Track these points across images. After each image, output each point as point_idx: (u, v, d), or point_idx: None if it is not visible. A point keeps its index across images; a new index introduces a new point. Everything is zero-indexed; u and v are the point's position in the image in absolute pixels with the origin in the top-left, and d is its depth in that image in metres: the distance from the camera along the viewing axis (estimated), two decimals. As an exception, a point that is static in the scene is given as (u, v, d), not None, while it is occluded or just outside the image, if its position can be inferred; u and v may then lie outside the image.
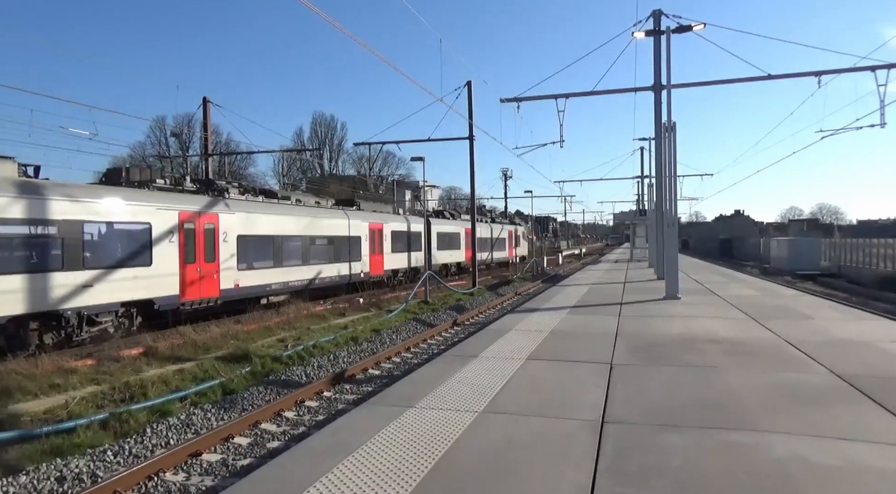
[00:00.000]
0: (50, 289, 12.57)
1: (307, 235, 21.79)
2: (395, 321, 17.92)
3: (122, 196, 14.69)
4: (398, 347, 13.55)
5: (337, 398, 9.65)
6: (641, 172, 41.09)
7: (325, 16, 10.60)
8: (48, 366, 10.25)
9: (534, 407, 5.36)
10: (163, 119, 66.15)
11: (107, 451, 7.00)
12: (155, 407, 8.76)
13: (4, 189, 12.04)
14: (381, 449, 4.34)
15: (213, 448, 7.20)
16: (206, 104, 29.79)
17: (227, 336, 13.98)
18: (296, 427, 8.13)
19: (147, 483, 6.17)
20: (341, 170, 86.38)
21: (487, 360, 7.45)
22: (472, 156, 28.67)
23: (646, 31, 17.22)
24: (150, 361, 11.45)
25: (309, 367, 11.74)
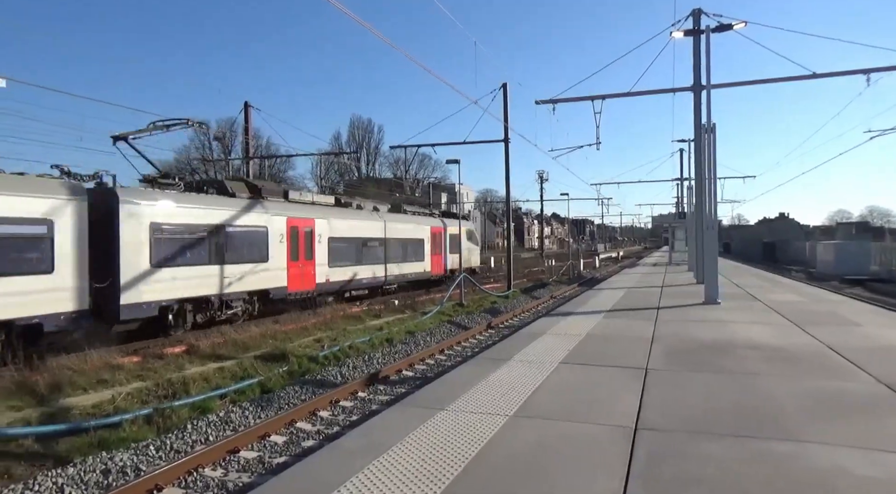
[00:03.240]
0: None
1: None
2: (430, 323, 17.99)
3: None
4: (432, 349, 13.61)
5: (371, 398, 9.76)
6: (681, 174, 40.29)
7: (362, 21, 10.75)
8: (96, 362, 10.65)
9: (566, 411, 5.33)
10: (206, 123, 67.94)
11: (149, 446, 7.23)
12: (196, 403, 9.01)
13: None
14: (411, 450, 4.38)
15: (251, 445, 7.37)
16: (248, 109, 30.49)
17: (266, 335, 14.29)
18: (330, 427, 8.25)
19: (187, 477, 6.36)
20: (378, 172, 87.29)
21: (520, 364, 7.43)
22: (507, 159, 28.60)
23: (685, 30, 16.90)
24: (192, 359, 11.79)
25: (344, 368, 11.90)
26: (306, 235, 20.09)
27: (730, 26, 14.69)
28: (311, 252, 20.23)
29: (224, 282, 16.41)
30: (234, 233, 16.95)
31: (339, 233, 21.94)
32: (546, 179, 71.64)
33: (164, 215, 14.74)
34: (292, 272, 19.18)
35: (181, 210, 15.30)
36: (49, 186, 12.39)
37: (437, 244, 30.43)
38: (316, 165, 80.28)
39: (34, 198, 11.92)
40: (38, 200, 11.97)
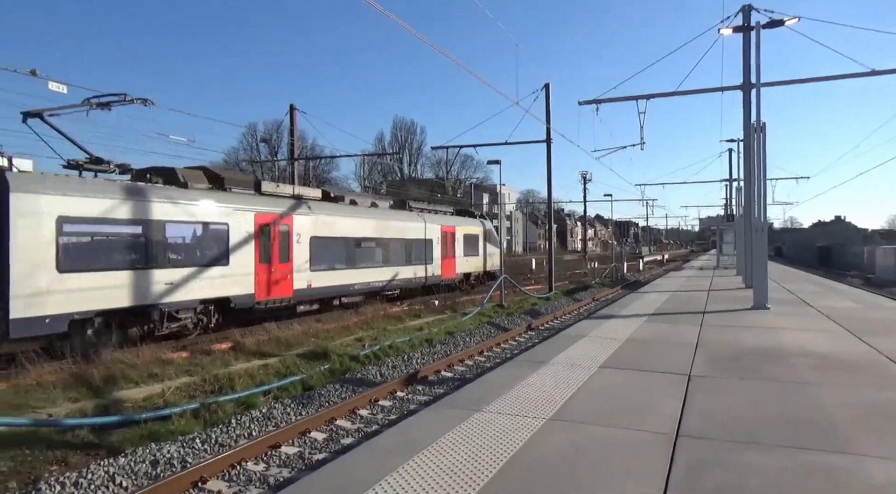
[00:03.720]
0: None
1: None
2: (470, 324, 17.98)
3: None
4: (471, 350, 13.60)
5: (409, 398, 9.82)
6: (729, 175, 39.17)
7: (404, 25, 10.84)
8: (148, 357, 11.05)
9: (604, 416, 5.25)
10: (254, 125, 69.90)
11: (196, 439, 7.46)
12: (241, 399, 9.25)
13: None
14: (447, 451, 4.40)
15: (292, 441, 7.52)
16: (293, 111, 31.11)
17: (309, 334, 14.55)
18: (369, 425, 8.35)
19: (230, 470, 6.53)
20: (420, 173, 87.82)
21: (558, 367, 7.36)
22: (549, 160, 28.35)
23: (733, 27, 16.42)
24: (237, 355, 12.10)
25: (384, 367, 12.01)
26: (282, 234, 17.31)
27: (781, 22, 14.19)
28: (287, 253, 17.46)
29: (165, 290, 13.56)
30: (180, 231, 14.19)
31: (324, 231, 19.03)
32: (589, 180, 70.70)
33: (79, 208, 12.01)
34: (262, 277, 16.47)
35: (104, 202, 12.54)
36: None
37: (448, 245, 27.37)
38: (359, 166, 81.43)
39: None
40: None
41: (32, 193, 11.31)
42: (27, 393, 8.66)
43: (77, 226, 12.03)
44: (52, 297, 11.42)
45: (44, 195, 11.50)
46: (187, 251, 14.42)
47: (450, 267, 27.52)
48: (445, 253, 27.04)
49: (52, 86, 13.80)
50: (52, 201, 11.61)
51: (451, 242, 27.72)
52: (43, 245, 11.38)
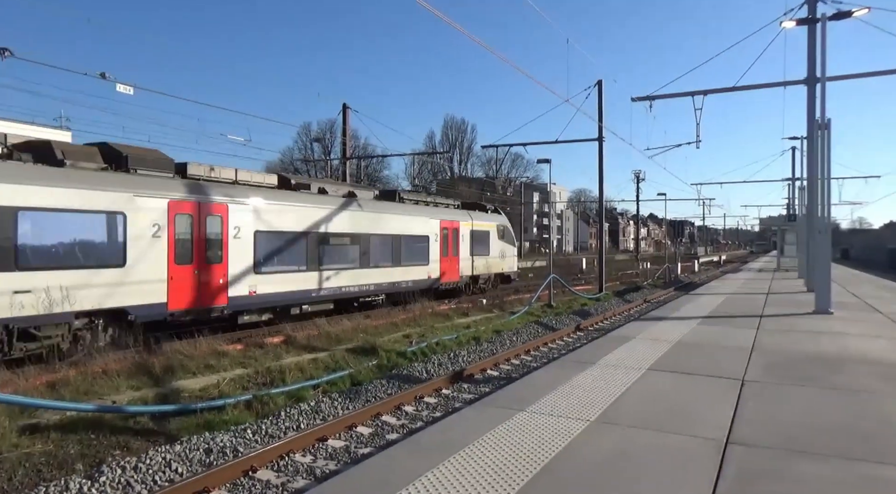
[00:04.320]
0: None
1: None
2: (517, 323, 17.90)
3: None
4: (518, 349, 13.54)
5: (454, 396, 9.86)
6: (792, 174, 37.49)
7: (456, 26, 10.88)
8: (205, 349, 11.49)
9: (651, 420, 5.14)
10: (308, 125, 71.52)
11: (247, 429, 7.71)
12: (291, 392, 9.50)
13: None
14: (487, 450, 4.40)
15: (338, 435, 7.68)
16: (346, 110, 31.64)
17: (358, 329, 14.80)
18: (414, 422, 8.43)
19: (279, 461, 6.73)
20: (470, 172, 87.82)
21: (606, 368, 7.24)
22: (600, 158, 27.88)
23: (797, 19, 15.71)
24: (288, 349, 12.43)
25: (430, 364, 12.09)
26: (211, 227, 13.84)
27: (849, 13, 13.48)
28: (219, 251, 13.93)
29: (12, 301, 10.18)
30: (40, 222, 10.69)
31: (276, 224, 15.37)
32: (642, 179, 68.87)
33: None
34: (180, 282, 13.05)
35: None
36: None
37: (450, 243, 23.56)
38: (410, 165, 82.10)
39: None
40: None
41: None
42: (94, 380, 9.14)
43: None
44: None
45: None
46: (55, 249, 10.97)
47: (452, 268, 23.75)
48: (446, 253, 23.25)
49: (120, 87, 14.54)
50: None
51: (454, 240, 23.95)
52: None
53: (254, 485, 6.12)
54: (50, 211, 10.85)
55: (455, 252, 24.01)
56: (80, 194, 11.30)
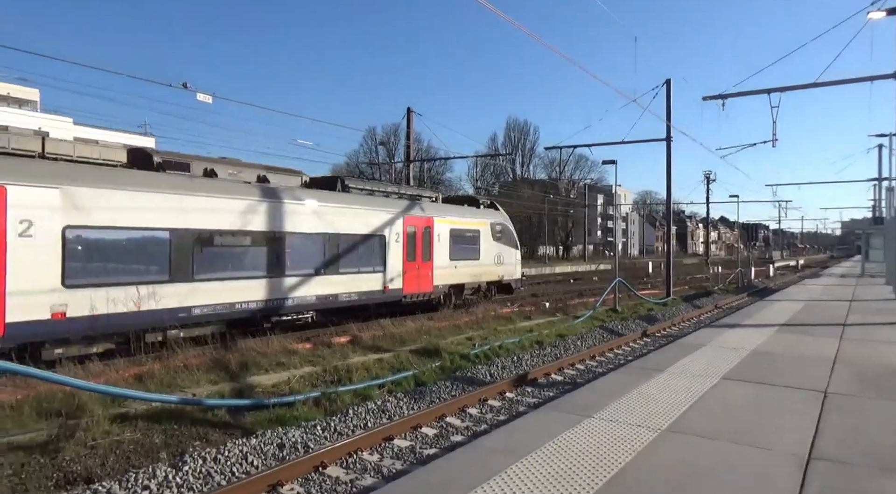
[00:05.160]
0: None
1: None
2: (581, 327, 17.64)
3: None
4: (582, 354, 13.34)
5: (518, 400, 9.83)
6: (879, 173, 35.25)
7: (519, 25, 10.87)
8: (276, 347, 11.93)
9: (725, 431, 4.98)
10: (373, 129, 72.82)
11: (317, 426, 7.97)
12: (358, 390, 9.74)
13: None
14: (553, 456, 4.39)
15: (404, 434, 7.82)
16: (410, 114, 32.09)
17: (421, 331, 14.97)
18: (478, 424, 8.47)
19: (348, 458, 6.91)
20: (533, 174, 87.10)
21: (675, 376, 7.05)
22: (668, 159, 27.08)
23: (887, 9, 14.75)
24: (355, 349, 12.73)
25: (493, 367, 12.10)
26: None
27: (947, 1, 12.54)
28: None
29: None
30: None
31: (103, 217, 10.83)
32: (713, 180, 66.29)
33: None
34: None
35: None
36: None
37: (419, 245, 18.58)
38: (472, 167, 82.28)
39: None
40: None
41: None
42: (176, 374, 9.67)
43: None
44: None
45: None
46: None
47: (422, 275, 18.70)
48: (413, 257, 18.32)
49: (200, 96, 15.33)
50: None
51: (425, 241, 18.89)
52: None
53: (324, 481, 6.32)
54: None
55: (426, 256, 18.89)
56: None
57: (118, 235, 11.17)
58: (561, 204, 76.59)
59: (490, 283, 22.56)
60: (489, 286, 22.59)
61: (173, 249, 11.96)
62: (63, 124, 36.29)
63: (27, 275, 9.75)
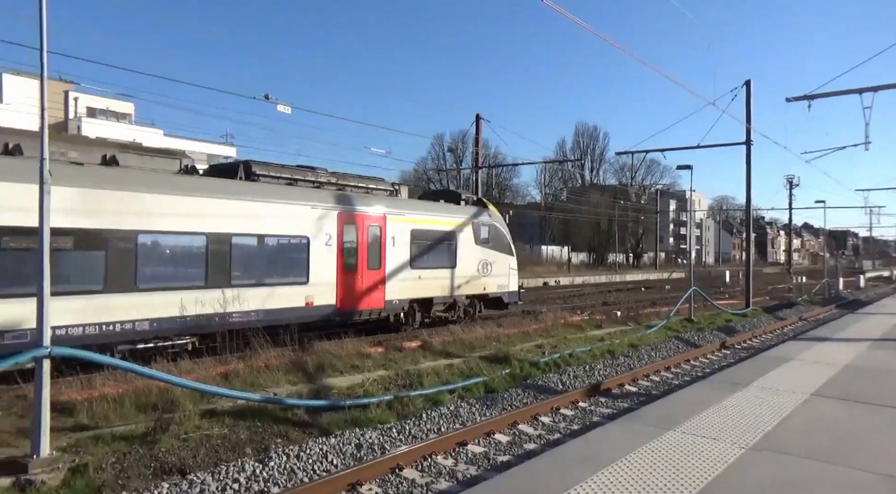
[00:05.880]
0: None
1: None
2: (655, 337, 17.16)
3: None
4: (657, 365, 13.00)
5: (592, 410, 9.70)
6: None
7: (603, 36, 10.77)
8: (350, 350, 12.29)
9: (818, 450, 4.76)
10: (441, 136, 73.62)
11: (392, 429, 8.15)
12: (429, 395, 9.88)
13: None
14: (635, 468, 4.33)
15: (477, 440, 7.87)
16: (479, 121, 32.26)
17: (490, 337, 15.00)
18: (551, 433, 8.41)
19: (423, 461, 7.04)
20: (602, 179, 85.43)
21: (761, 391, 6.78)
22: (748, 163, 25.94)
23: None
24: (425, 354, 12.92)
25: (564, 376, 11.98)
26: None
27: None
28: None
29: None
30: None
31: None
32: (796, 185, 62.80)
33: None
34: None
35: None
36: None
37: (363, 249, 14.84)
38: (540, 173, 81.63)
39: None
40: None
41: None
42: (258, 373, 10.13)
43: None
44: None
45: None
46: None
47: (368, 289, 14.98)
48: (353, 264, 14.57)
49: (280, 107, 16.04)
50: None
51: (373, 244, 15.17)
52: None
53: (401, 483, 6.46)
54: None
55: (375, 263, 15.18)
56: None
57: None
58: (631, 210, 74.68)
59: (472, 297, 18.54)
60: (471, 300, 18.59)
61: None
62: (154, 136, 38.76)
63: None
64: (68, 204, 9.76)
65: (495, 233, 19.27)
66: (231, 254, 12.05)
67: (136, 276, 10.75)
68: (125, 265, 10.67)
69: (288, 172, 14.29)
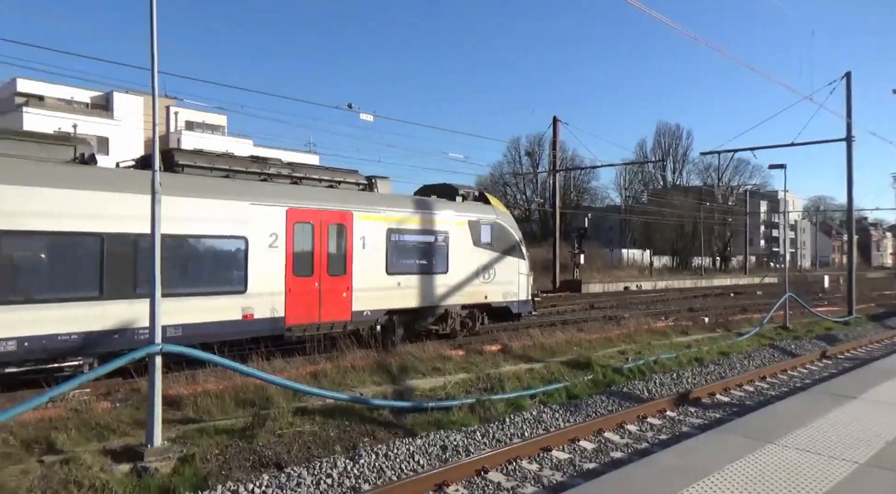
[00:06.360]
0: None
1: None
2: (747, 345, 16.34)
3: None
4: (750, 374, 12.37)
5: (681, 419, 9.37)
6: None
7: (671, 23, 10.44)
8: (431, 352, 12.47)
9: (941, 471, 4.40)
10: (517, 140, 73.19)
11: (476, 432, 8.22)
12: (510, 399, 9.88)
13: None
14: (734, 481, 4.17)
15: (562, 446, 7.80)
16: (556, 123, 31.95)
17: (571, 342, 14.79)
18: (638, 442, 8.20)
19: (507, 465, 7.06)
20: (685, 180, 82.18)
21: (873, 404, 6.33)
22: (849, 160, 24.24)
23: None
24: (506, 358, 12.91)
25: (650, 383, 11.64)
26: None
27: None
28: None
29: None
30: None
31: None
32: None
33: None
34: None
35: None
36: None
37: (320, 251, 12.78)
38: (619, 175, 79.59)
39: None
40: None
41: None
42: (345, 373, 10.49)
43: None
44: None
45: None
46: None
47: (329, 298, 12.88)
48: (307, 268, 12.54)
49: (363, 116, 16.56)
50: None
51: (336, 245, 13.16)
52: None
53: (486, 485, 6.51)
54: None
55: (338, 268, 13.14)
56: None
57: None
58: (718, 211, 71.37)
59: (470, 307, 16.18)
60: (470, 311, 16.26)
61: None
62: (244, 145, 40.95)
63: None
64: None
65: (500, 233, 16.73)
66: (137, 260, 10.06)
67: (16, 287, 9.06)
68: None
69: (225, 163, 12.38)
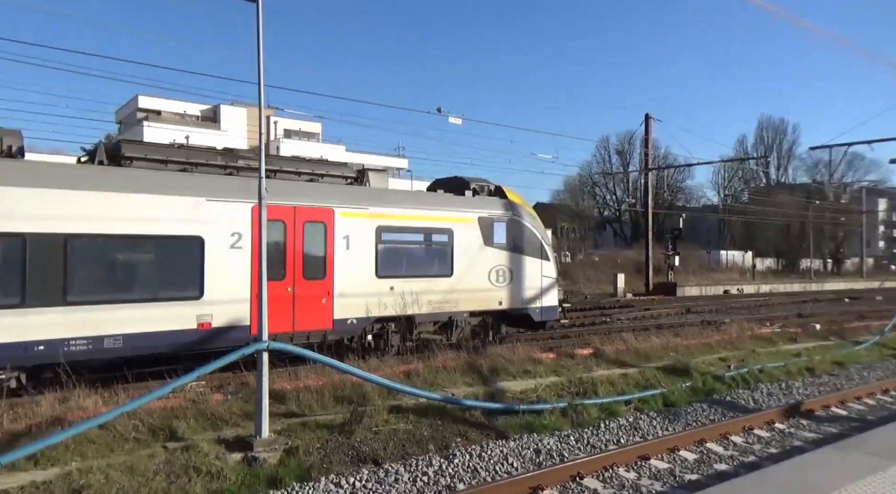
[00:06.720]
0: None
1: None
2: (865, 355, 15.08)
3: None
4: (871, 387, 11.40)
5: (792, 432, 8.77)
6: None
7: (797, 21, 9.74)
8: (522, 355, 12.41)
9: None
10: (607, 138, 71.23)
11: (569, 436, 8.09)
12: (604, 405, 9.66)
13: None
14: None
15: (661, 455, 7.51)
16: (648, 120, 30.88)
17: (667, 348, 14.24)
18: (745, 455, 7.75)
19: (603, 472, 6.89)
20: (791, 178, 76.83)
21: None
22: None
23: None
24: (598, 362, 12.62)
25: (756, 393, 11.00)
26: None
27: None
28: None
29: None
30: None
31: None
32: None
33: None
34: None
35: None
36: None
37: (294, 252, 11.52)
38: (717, 173, 75.62)
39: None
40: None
41: None
42: (437, 373, 10.65)
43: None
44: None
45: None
46: None
47: (306, 305, 11.67)
48: (279, 271, 11.21)
49: (451, 119, 16.79)
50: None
51: (314, 245, 11.86)
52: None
53: (582, 491, 6.39)
54: None
55: (317, 270, 11.86)
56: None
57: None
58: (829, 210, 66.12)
59: (481, 314, 14.46)
60: (482, 318, 14.61)
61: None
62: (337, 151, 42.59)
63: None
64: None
65: (518, 231, 14.93)
66: (67, 263, 9.19)
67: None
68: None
69: (182, 156, 11.23)
